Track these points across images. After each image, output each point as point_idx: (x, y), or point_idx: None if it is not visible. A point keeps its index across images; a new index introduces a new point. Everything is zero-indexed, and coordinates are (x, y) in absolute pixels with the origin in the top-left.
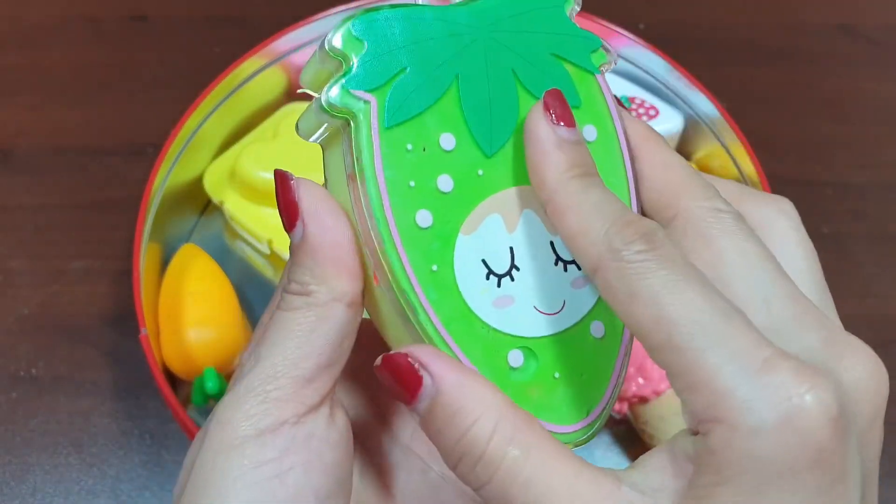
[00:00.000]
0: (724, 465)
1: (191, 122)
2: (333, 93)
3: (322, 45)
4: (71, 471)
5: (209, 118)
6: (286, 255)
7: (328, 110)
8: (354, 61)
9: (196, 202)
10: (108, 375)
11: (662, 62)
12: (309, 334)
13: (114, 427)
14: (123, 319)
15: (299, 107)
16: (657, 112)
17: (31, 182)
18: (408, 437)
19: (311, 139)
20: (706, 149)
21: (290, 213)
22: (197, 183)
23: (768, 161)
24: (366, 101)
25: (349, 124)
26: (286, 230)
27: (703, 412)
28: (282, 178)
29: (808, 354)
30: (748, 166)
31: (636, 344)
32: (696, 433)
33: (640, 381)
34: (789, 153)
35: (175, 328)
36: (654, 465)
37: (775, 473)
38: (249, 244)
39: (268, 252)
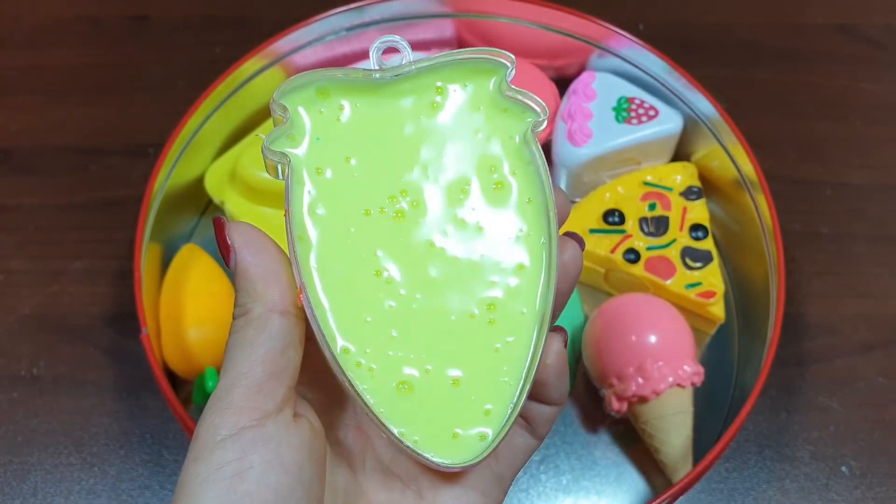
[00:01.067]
0: None
1: (192, 122)
2: (268, 140)
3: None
4: (72, 470)
5: (210, 118)
6: None
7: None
8: (287, 116)
9: (197, 202)
10: (108, 375)
11: (662, 62)
12: (251, 346)
13: (114, 427)
14: (124, 319)
15: None
16: (657, 112)
17: (31, 182)
18: (388, 460)
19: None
20: (706, 149)
21: (225, 251)
22: (198, 183)
23: (768, 161)
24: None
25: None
26: (227, 266)
27: None
28: (217, 224)
29: None
30: (747, 166)
31: (635, 343)
32: None
33: (640, 380)
34: (789, 153)
35: (176, 328)
36: None
37: None
38: None
39: None
